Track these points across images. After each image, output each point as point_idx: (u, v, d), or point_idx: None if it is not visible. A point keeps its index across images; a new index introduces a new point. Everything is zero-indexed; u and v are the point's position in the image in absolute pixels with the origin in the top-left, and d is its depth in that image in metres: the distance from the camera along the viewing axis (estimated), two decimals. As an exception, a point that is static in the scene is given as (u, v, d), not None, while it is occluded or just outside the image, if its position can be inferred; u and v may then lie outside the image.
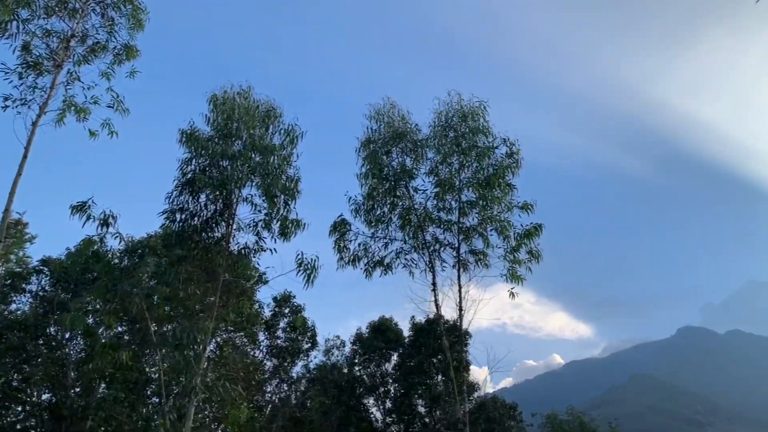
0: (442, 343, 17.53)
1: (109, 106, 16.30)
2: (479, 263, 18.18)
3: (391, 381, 34.26)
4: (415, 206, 18.64)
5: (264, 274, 19.30)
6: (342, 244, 18.40)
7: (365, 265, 18.56)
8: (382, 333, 34.58)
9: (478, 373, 32.88)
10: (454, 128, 18.36)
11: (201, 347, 14.10)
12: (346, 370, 34.23)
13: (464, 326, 17.58)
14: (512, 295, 17.36)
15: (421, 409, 33.11)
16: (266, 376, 30.13)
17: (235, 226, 15.80)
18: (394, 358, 34.72)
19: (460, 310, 16.97)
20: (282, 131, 16.42)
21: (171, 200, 15.61)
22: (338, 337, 35.13)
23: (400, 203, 18.87)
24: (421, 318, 32.77)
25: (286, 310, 31.38)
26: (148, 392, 23.24)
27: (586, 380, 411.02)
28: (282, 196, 15.54)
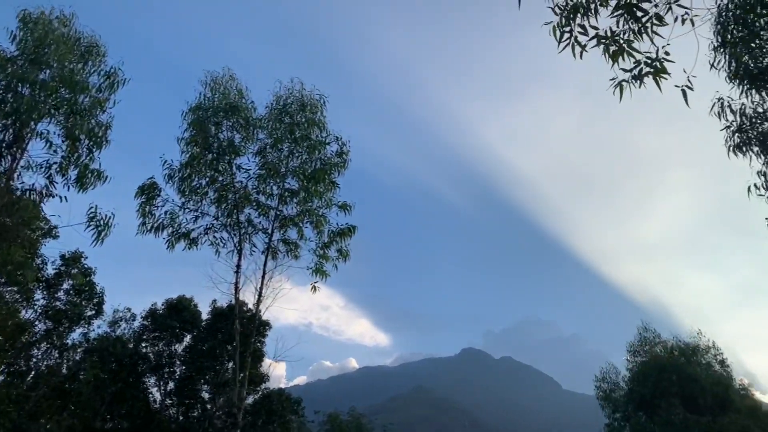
0: (234, 326, 17.10)
1: None
2: (289, 253, 18.19)
3: (178, 363, 32.64)
4: (235, 184, 18.08)
5: (55, 227, 17.28)
6: (147, 209, 17.17)
7: (169, 235, 17.51)
8: (178, 312, 32.86)
9: (274, 366, 32.75)
10: (291, 115, 18.20)
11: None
12: (131, 345, 31.88)
13: (262, 313, 17.41)
14: (314, 289, 17.61)
15: (205, 395, 32.05)
16: (34, 339, 26.86)
17: (23, 163, 13.92)
18: (187, 339, 33.17)
19: (260, 295, 16.77)
20: (102, 72, 14.90)
21: (-55, 118, 13.30)
22: (129, 309, 32.62)
23: (220, 178, 18.21)
24: (223, 303, 31.83)
25: (74, 271, 28.31)
26: None
27: (375, 386, 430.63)
28: (86, 141, 14.05)
